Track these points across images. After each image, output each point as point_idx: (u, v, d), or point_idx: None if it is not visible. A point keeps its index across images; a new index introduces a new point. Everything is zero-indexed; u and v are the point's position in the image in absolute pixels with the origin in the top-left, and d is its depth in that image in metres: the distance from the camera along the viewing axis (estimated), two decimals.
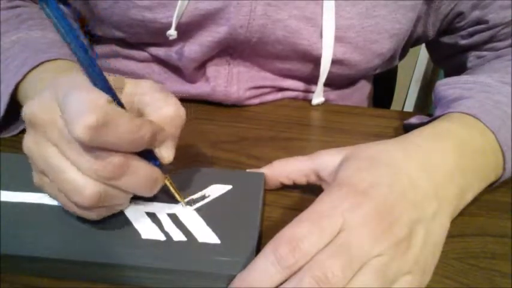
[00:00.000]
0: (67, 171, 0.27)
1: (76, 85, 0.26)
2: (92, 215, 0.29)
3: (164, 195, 0.33)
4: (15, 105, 0.40)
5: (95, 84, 0.26)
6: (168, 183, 0.32)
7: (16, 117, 0.42)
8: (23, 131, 0.42)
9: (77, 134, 0.24)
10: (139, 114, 0.29)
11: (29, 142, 0.28)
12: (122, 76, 0.30)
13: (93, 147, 0.26)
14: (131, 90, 0.29)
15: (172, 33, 0.43)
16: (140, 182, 0.28)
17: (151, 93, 0.29)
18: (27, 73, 0.39)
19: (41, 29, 0.44)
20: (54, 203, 0.32)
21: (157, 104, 0.29)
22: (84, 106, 0.24)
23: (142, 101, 0.29)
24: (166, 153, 0.29)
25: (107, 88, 0.27)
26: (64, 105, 0.25)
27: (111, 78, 0.28)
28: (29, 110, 0.27)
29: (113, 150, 0.26)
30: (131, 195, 0.30)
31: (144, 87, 0.29)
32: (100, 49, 0.53)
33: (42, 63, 0.39)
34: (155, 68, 0.51)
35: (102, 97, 0.25)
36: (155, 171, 0.29)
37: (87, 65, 0.26)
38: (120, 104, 0.28)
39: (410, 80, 1.34)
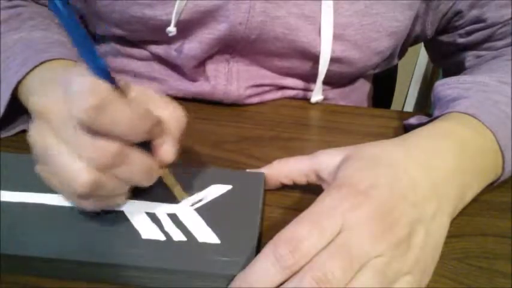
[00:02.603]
0: (64, 159, 0.27)
1: (79, 73, 0.26)
2: (88, 205, 0.29)
3: (164, 195, 0.33)
4: (14, 105, 0.40)
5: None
6: (165, 176, 0.31)
7: (15, 117, 0.42)
8: (22, 132, 0.42)
9: (78, 113, 0.25)
10: None
11: (33, 132, 0.28)
12: (129, 81, 0.30)
13: (93, 135, 0.26)
14: (137, 95, 0.29)
15: (171, 29, 0.43)
16: (136, 172, 0.28)
17: (156, 99, 0.29)
18: (28, 72, 0.39)
19: (42, 29, 0.44)
20: (54, 203, 0.32)
21: (159, 107, 0.29)
22: (87, 88, 0.25)
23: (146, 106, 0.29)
24: (166, 149, 0.29)
25: (111, 82, 0.27)
26: (68, 90, 0.26)
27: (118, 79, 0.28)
28: (39, 101, 0.28)
29: (112, 137, 0.26)
30: (128, 186, 0.29)
31: (150, 94, 0.29)
32: (100, 48, 0.53)
33: (43, 62, 0.39)
34: (155, 66, 0.51)
35: (106, 84, 0.26)
36: (152, 162, 0.29)
37: (89, 61, 0.26)
38: None
39: (410, 80, 1.34)
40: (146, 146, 0.28)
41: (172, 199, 0.33)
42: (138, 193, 0.33)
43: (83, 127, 0.26)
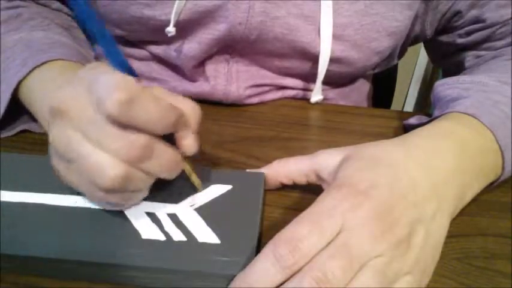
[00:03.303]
0: (92, 154, 0.27)
1: (105, 71, 0.27)
2: (115, 200, 0.29)
3: (164, 195, 0.33)
4: (14, 106, 0.40)
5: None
6: (187, 168, 0.32)
7: (15, 117, 0.42)
8: (22, 132, 0.42)
9: (108, 108, 0.25)
10: None
11: (55, 130, 0.28)
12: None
13: (121, 129, 0.26)
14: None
15: (170, 29, 0.43)
16: (163, 165, 0.28)
17: (167, 96, 0.30)
18: (29, 73, 0.39)
19: (43, 29, 0.44)
20: (54, 203, 0.32)
21: (177, 102, 0.29)
22: (115, 84, 0.25)
23: None
24: (189, 142, 0.30)
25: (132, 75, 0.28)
26: (94, 87, 0.26)
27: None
28: (58, 99, 0.28)
29: (139, 130, 0.27)
30: (153, 181, 0.30)
31: (159, 90, 0.30)
32: (99, 48, 0.53)
33: (43, 63, 0.39)
34: (155, 66, 0.51)
35: (132, 78, 0.26)
36: (177, 154, 0.29)
37: (112, 58, 0.27)
38: None
39: (410, 80, 1.34)
40: (166, 139, 0.29)
41: (173, 199, 0.33)
42: None
43: (112, 121, 0.26)
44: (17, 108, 0.41)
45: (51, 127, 0.29)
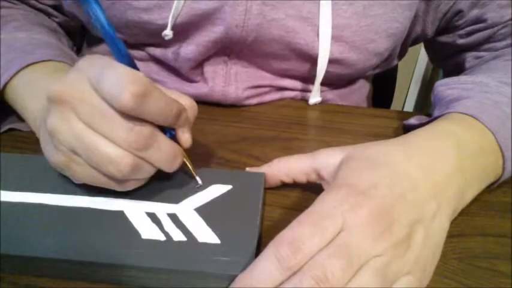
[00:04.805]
0: (101, 145, 0.28)
1: (111, 64, 0.28)
2: (122, 187, 0.31)
3: (164, 195, 0.33)
4: None
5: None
6: (186, 161, 0.34)
7: (1, 117, 0.42)
8: (23, 132, 0.42)
9: (123, 101, 0.26)
10: None
11: (55, 120, 0.29)
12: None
13: (128, 120, 0.27)
14: None
15: (167, 33, 0.43)
16: (164, 156, 0.30)
17: (168, 92, 0.31)
18: (15, 74, 0.39)
19: (26, 30, 0.45)
20: (54, 203, 0.32)
21: (177, 97, 0.31)
22: (127, 78, 0.27)
23: None
24: (187, 136, 0.32)
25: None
26: (102, 80, 0.27)
27: None
28: (56, 88, 0.28)
29: (145, 121, 0.28)
30: (155, 171, 0.31)
31: (164, 88, 0.31)
32: (100, 48, 0.53)
33: (29, 64, 0.39)
34: (154, 67, 0.51)
35: (140, 72, 0.28)
36: (176, 147, 0.31)
37: (119, 54, 0.29)
38: None
39: (410, 80, 1.34)
40: None
41: (173, 199, 0.33)
42: (138, 193, 0.33)
43: (122, 113, 0.27)
44: (3, 107, 0.41)
45: (51, 117, 0.29)
